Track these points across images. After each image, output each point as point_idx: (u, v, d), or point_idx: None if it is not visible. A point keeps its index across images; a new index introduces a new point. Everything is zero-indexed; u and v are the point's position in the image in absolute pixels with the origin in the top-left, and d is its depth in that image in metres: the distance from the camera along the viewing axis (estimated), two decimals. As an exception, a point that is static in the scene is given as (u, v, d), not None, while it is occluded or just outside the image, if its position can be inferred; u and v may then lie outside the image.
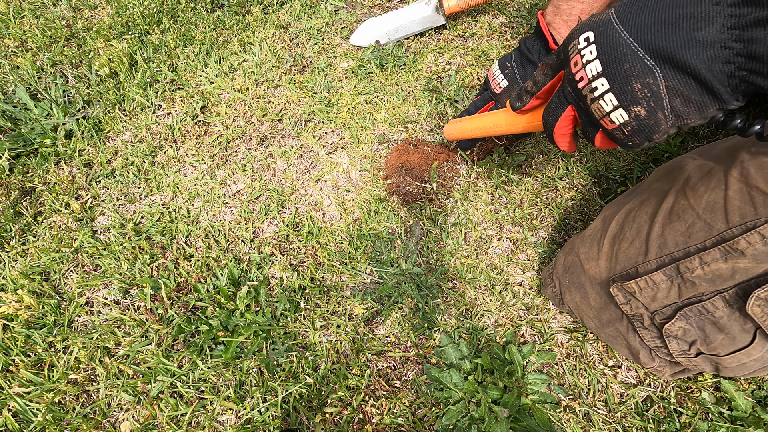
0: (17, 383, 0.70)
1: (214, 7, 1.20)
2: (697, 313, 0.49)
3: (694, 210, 0.47)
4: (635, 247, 0.54)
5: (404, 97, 0.99)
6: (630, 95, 0.36)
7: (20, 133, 0.94)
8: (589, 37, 0.39)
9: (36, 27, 1.14)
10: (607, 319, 0.62)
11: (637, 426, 0.66)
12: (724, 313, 0.47)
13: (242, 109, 1.00)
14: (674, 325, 0.51)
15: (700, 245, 0.46)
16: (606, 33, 0.38)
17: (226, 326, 0.73)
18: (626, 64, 0.36)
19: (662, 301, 0.52)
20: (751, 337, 0.47)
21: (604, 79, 0.37)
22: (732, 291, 0.46)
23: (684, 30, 0.33)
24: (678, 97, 0.35)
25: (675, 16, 0.34)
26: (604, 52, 0.37)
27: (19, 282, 0.77)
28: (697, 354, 0.53)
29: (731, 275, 0.45)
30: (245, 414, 0.67)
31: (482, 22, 1.12)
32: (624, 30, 0.37)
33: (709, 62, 0.33)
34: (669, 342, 0.54)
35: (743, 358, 0.49)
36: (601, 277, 0.59)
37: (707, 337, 0.50)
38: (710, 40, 0.32)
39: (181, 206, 0.88)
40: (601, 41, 0.38)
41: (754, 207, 0.41)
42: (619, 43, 0.36)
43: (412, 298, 0.77)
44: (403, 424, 0.67)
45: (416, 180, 0.86)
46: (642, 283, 0.52)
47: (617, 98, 0.37)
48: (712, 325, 0.49)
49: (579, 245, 0.64)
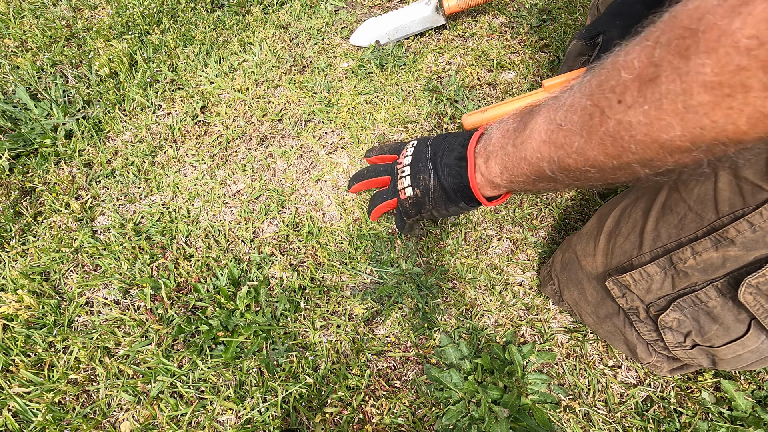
0: (17, 383, 0.70)
1: (214, 7, 1.20)
2: (690, 303, 0.50)
3: (685, 202, 0.48)
4: (630, 242, 0.55)
5: (404, 97, 0.99)
6: (416, 179, 0.59)
7: (20, 133, 0.94)
8: (414, 144, 0.62)
9: (36, 27, 1.14)
10: (604, 314, 0.63)
11: (637, 426, 0.66)
12: (717, 302, 0.48)
13: (242, 109, 1.00)
14: (669, 316, 0.52)
15: (691, 236, 0.47)
16: (421, 144, 0.61)
17: (226, 326, 0.73)
18: (420, 163, 0.59)
19: (656, 293, 0.53)
20: (746, 327, 0.47)
21: (408, 168, 0.60)
22: (724, 280, 0.46)
23: (443, 155, 0.56)
24: (436, 190, 0.57)
25: (445, 148, 0.57)
26: (414, 154, 0.61)
27: (19, 282, 0.77)
28: (692, 346, 0.53)
29: (722, 264, 0.45)
30: (245, 414, 0.67)
31: (482, 22, 1.12)
32: (429, 145, 0.60)
33: (448, 171, 0.56)
34: (664, 334, 0.54)
35: (739, 349, 0.49)
36: (598, 272, 0.60)
37: (702, 328, 0.51)
38: (448, 163, 0.56)
39: (181, 206, 0.88)
40: (417, 147, 0.61)
41: (743, 197, 0.42)
42: (422, 152, 0.60)
43: (412, 298, 0.77)
44: (403, 424, 0.67)
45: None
46: (636, 275, 0.53)
47: (410, 181, 0.60)
48: (706, 315, 0.49)
49: (576, 242, 0.65)
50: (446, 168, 0.56)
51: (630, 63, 0.32)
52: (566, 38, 1.09)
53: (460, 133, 0.59)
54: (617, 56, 0.34)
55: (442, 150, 0.57)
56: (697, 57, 0.27)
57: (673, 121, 0.30)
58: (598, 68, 0.37)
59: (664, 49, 0.30)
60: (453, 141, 0.57)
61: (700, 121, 0.29)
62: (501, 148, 0.50)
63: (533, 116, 0.45)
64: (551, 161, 0.42)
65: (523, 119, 0.48)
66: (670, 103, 0.30)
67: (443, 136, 0.60)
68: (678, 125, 0.30)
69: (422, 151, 0.60)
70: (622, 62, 0.33)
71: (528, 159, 0.45)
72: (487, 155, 0.52)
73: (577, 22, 1.13)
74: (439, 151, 0.58)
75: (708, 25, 0.27)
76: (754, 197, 0.41)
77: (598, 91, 0.36)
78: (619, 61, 0.34)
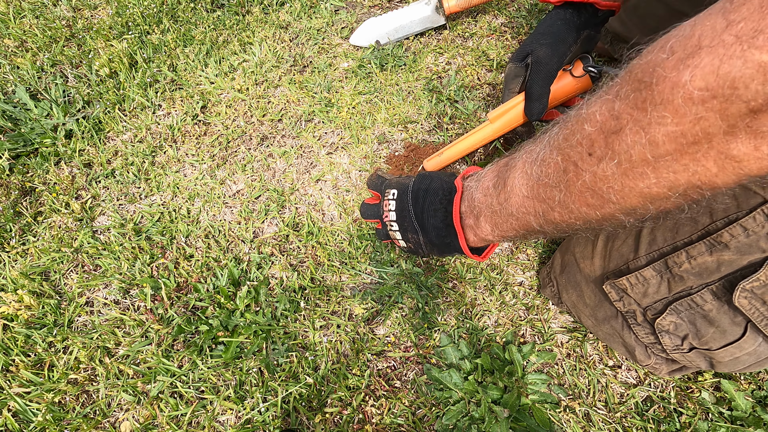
0: (17, 383, 0.70)
1: (214, 7, 1.20)
2: (687, 306, 0.50)
3: None
4: (627, 245, 0.55)
5: (404, 97, 0.99)
6: (405, 236, 0.60)
7: (20, 133, 0.94)
8: (395, 194, 0.62)
9: (36, 27, 1.14)
10: (602, 316, 0.63)
11: (637, 426, 0.66)
12: (713, 306, 0.48)
13: (242, 109, 1.00)
14: (665, 319, 0.52)
15: (686, 240, 0.48)
16: (402, 197, 0.60)
17: (226, 326, 0.73)
18: (406, 222, 0.59)
19: (653, 297, 0.53)
20: (742, 330, 0.47)
21: (396, 224, 0.60)
22: (719, 284, 0.46)
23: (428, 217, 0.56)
24: (428, 244, 0.58)
25: (428, 208, 0.56)
26: (398, 209, 0.60)
27: (19, 282, 0.77)
28: (690, 349, 0.53)
29: (717, 268, 0.46)
30: (245, 414, 0.67)
31: (482, 22, 1.12)
32: (410, 200, 0.59)
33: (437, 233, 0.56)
34: (662, 337, 0.54)
35: (736, 351, 0.49)
36: (596, 275, 0.60)
37: (698, 331, 0.51)
38: (436, 225, 0.56)
39: (181, 206, 0.88)
40: (399, 201, 0.60)
41: (737, 201, 0.42)
42: (406, 208, 0.59)
43: (412, 298, 0.77)
44: (403, 424, 0.67)
45: None
46: (633, 279, 0.53)
47: (401, 236, 0.61)
48: (703, 318, 0.49)
49: (575, 244, 0.65)
50: (434, 230, 0.56)
51: (592, 116, 0.33)
52: (566, 38, 1.09)
53: (436, 185, 0.57)
54: (580, 110, 0.35)
55: (425, 210, 0.56)
56: (654, 109, 0.28)
57: (646, 170, 0.30)
58: (563, 122, 0.38)
59: (623, 102, 0.30)
60: (434, 199, 0.56)
61: (671, 167, 0.29)
62: (487, 207, 0.49)
63: (509, 171, 0.45)
64: (537, 215, 0.42)
65: (500, 175, 0.47)
66: (638, 153, 0.30)
67: (423, 189, 0.58)
68: (651, 173, 0.30)
69: (405, 209, 0.59)
70: (584, 115, 0.34)
71: (515, 215, 0.45)
72: (475, 216, 0.52)
73: (577, 22, 1.13)
74: (422, 212, 0.57)
75: (659, 78, 0.27)
76: (748, 201, 0.41)
77: (566, 144, 0.36)
78: (581, 114, 0.34)
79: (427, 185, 0.58)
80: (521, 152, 0.45)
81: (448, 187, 0.56)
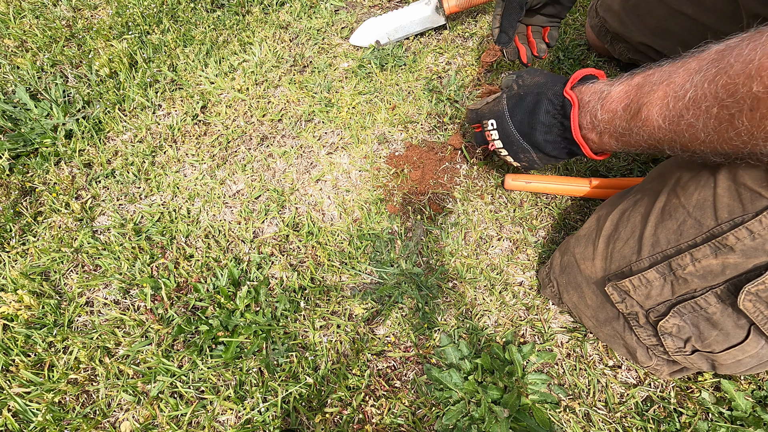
0: (17, 383, 0.70)
1: (214, 7, 1.20)
2: (690, 309, 0.50)
3: (684, 208, 0.48)
4: (629, 247, 0.54)
5: (404, 97, 0.99)
6: (517, 157, 0.69)
7: (20, 133, 0.94)
8: (493, 123, 0.68)
9: (36, 27, 1.14)
10: (604, 318, 0.63)
11: (637, 426, 0.66)
12: (717, 308, 0.48)
13: (242, 109, 1.00)
14: (668, 322, 0.52)
15: (690, 242, 0.47)
16: (502, 124, 0.67)
17: (226, 326, 0.73)
18: (514, 146, 0.67)
19: (656, 299, 0.52)
20: (746, 333, 0.47)
21: (504, 150, 0.69)
22: (723, 287, 0.46)
23: (541, 134, 0.62)
24: (544, 158, 0.66)
25: (538, 127, 0.62)
26: (502, 137, 0.68)
27: (19, 282, 0.77)
28: (692, 351, 0.53)
29: (721, 271, 0.45)
30: (245, 414, 0.67)
31: (482, 22, 1.12)
32: (512, 125, 0.65)
33: (553, 146, 0.62)
34: (664, 339, 0.54)
35: (738, 354, 0.49)
36: (597, 276, 0.60)
37: (701, 334, 0.50)
38: (552, 140, 0.61)
39: (181, 206, 0.88)
40: (500, 129, 0.68)
41: (742, 204, 0.42)
42: (510, 133, 0.66)
43: (412, 298, 0.77)
44: (403, 424, 0.67)
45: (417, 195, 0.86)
46: (636, 281, 0.53)
47: (512, 158, 0.70)
48: (706, 321, 0.49)
49: (574, 245, 0.65)
50: (550, 145, 0.62)
51: (763, 73, 0.33)
52: (566, 38, 1.09)
53: (535, 102, 0.61)
54: (746, 63, 0.34)
55: (534, 128, 0.62)
56: None
57: None
58: (721, 70, 0.36)
59: None
60: (542, 116, 0.60)
61: None
62: (614, 129, 0.51)
63: (645, 98, 0.46)
64: (673, 143, 0.43)
65: (631, 104, 0.48)
66: None
67: (523, 110, 0.63)
68: None
69: (509, 134, 0.66)
70: (753, 73, 0.34)
71: (647, 140, 0.47)
72: (599, 133, 0.54)
73: (577, 22, 1.13)
74: (530, 131, 0.63)
75: None
76: (753, 204, 0.41)
77: (726, 95, 0.36)
78: (749, 71, 0.34)
79: (526, 105, 0.63)
80: (660, 77, 0.45)
81: (557, 101, 0.58)
